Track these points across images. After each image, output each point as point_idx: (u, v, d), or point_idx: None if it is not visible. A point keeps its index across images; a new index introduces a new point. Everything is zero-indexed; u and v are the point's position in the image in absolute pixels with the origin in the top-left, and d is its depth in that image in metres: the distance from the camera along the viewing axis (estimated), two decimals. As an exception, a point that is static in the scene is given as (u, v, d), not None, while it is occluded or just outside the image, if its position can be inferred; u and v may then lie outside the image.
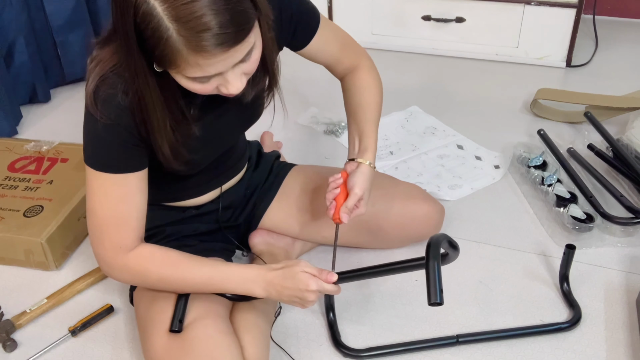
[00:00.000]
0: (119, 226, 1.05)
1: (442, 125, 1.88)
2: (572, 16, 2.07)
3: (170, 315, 1.09)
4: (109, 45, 0.98)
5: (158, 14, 0.84)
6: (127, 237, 1.06)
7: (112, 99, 0.97)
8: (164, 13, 0.84)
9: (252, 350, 1.10)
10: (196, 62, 0.87)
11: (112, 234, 1.05)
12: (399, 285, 1.35)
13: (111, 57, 0.97)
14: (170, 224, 1.24)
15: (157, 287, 1.12)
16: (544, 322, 1.25)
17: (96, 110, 0.97)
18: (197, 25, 0.84)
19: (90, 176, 1.04)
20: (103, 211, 1.04)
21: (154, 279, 1.09)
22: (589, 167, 1.63)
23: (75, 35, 2.06)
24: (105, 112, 0.97)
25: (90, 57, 1.01)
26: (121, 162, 1.02)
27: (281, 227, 1.37)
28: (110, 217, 1.04)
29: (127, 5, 0.85)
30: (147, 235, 1.17)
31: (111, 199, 1.04)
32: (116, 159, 1.02)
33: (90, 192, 1.05)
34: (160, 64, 0.91)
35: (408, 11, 2.23)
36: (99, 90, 0.97)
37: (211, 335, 1.06)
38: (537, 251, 1.42)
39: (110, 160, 1.02)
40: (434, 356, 1.20)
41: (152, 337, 1.08)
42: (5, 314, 1.31)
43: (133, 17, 0.85)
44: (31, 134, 1.92)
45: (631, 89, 1.93)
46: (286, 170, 1.40)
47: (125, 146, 1.01)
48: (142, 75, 0.92)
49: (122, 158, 1.02)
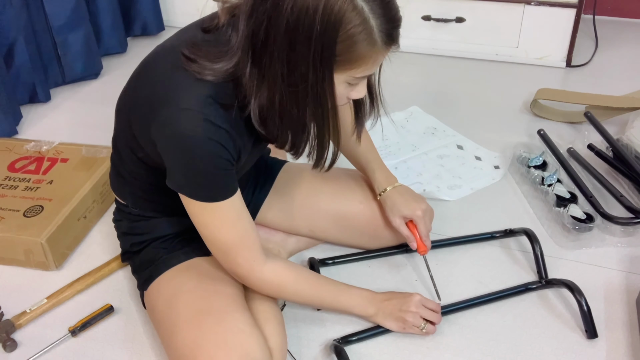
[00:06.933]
0: (244, 244, 1.06)
1: (442, 125, 1.88)
2: (572, 16, 2.07)
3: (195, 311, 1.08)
4: (222, 60, 0.95)
5: (365, 14, 0.86)
6: (256, 250, 1.08)
7: (221, 120, 0.96)
8: (370, 12, 0.87)
9: (274, 340, 1.12)
10: (377, 58, 0.92)
11: (242, 253, 1.07)
12: (400, 285, 1.35)
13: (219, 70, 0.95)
14: (181, 233, 1.24)
15: (291, 300, 1.20)
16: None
17: (200, 137, 0.95)
18: (396, 20, 0.92)
19: (197, 208, 1.03)
20: (225, 236, 1.05)
21: (291, 292, 1.15)
22: (589, 167, 1.63)
23: (75, 35, 2.06)
24: (211, 135, 0.95)
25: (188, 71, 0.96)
26: (227, 187, 1.02)
27: (273, 222, 1.38)
28: (234, 238, 1.05)
29: (317, 12, 0.85)
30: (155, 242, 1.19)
31: (228, 222, 1.04)
32: (222, 187, 1.01)
33: (205, 223, 1.04)
34: (338, 67, 0.91)
35: (408, 11, 2.21)
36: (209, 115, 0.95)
37: (242, 328, 1.06)
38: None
39: (217, 190, 1.01)
40: (434, 356, 1.20)
41: (180, 334, 1.07)
42: (5, 314, 1.31)
43: (329, 23, 0.86)
44: (31, 134, 1.92)
45: (631, 89, 1.93)
46: (279, 167, 1.40)
47: (226, 171, 1.00)
48: (318, 82, 0.91)
49: (227, 183, 1.02)
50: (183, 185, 1.01)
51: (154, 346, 1.23)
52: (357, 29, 0.87)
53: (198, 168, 0.97)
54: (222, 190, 1.01)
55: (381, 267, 1.39)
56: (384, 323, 1.21)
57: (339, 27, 0.86)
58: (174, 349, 1.08)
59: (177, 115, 0.94)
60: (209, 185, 1.00)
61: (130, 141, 1.08)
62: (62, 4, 2.00)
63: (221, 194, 1.01)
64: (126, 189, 1.20)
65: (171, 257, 1.18)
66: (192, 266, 1.16)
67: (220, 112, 0.96)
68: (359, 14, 0.86)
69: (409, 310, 1.19)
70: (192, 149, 0.95)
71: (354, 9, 0.86)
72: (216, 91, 0.96)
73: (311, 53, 0.88)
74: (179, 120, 0.94)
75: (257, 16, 0.89)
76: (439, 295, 1.28)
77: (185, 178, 1.00)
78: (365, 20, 0.87)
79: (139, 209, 1.20)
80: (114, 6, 2.22)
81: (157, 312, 1.15)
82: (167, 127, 0.95)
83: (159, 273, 1.16)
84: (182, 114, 0.94)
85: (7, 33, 1.88)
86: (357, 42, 0.88)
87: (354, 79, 0.95)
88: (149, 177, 1.12)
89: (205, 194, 1.01)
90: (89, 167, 1.59)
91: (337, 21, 0.86)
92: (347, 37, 0.87)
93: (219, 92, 0.96)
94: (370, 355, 1.20)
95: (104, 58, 2.27)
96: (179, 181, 1.01)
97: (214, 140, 0.95)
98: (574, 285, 1.25)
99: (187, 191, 1.01)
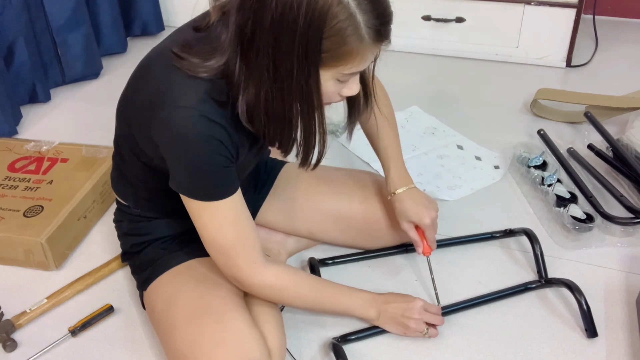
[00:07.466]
0: (245, 245, 1.06)
1: (442, 125, 1.88)
2: (572, 16, 2.07)
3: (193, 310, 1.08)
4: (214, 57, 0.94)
5: (351, 9, 0.84)
6: (256, 251, 1.07)
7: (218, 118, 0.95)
8: (357, 7, 0.85)
9: (273, 339, 1.12)
10: (365, 54, 0.90)
11: (242, 254, 1.06)
12: (399, 285, 1.35)
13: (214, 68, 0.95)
14: (182, 234, 1.24)
15: (293, 304, 1.18)
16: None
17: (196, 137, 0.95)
18: (385, 15, 0.89)
19: (197, 208, 1.02)
20: (225, 237, 1.04)
21: (292, 296, 1.14)
22: (589, 167, 1.63)
23: (75, 35, 2.06)
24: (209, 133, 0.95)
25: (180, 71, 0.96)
26: (226, 186, 1.01)
27: (273, 223, 1.38)
28: (234, 239, 1.04)
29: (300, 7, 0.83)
30: (155, 243, 1.19)
31: (228, 222, 1.03)
32: (222, 185, 1.01)
33: (204, 223, 1.03)
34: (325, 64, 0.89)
35: (408, 11, 2.23)
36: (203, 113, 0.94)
37: (240, 327, 1.06)
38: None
39: (216, 188, 1.00)
40: (434, 356, 1.20)
41: (178, 334, 1.07)
42: (5, 314, 1.31)
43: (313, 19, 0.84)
44: (31, 134, 1.92)
45: (631, 89, 1.93)
46: (279, 168, 1.40)
47: (224, 168, 0.99)
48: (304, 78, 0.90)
49: (226, 181, 1.01)
50: (183, 185, 1.01)
51: (153, 346, 1.23)
52: (343, 25, 0.85)
53: (196, 165, 0.97)
54: (221, 189, 1.01)
55: (381, 267, 1.39)
56: (386, 326, 1.21)
57: (324, 22, 0.84)
58: (173, 348, 1.08)
59: (173, 113, 0.94)
60: (207, 183, 1.00)
61: (134, 147, 1.08)
62: (62, 4, 2.00)
63: (220, 192, 1.01)
64: (129, 191, 1.20)
65: (171, 257, 1.18)
66: (192, 267, 1.16)
67: (216, 108, 0.95)
68: (344, 9, 0.84)
69: (412, 317, 1.19)
70: (189, 145, 0.95)
71: (339, 4, 0.84)
72: (211, 88, 0.95)
73: (295, 49, 0.86)
74: (175, 119, 0.94)
75: (244, 12, 0.88)
76: (439, 299, 1.27)
77: (185, 177, 1.00)
78: (351, 15, 0.85)
79: (140, 210, 1.20)
80: (114, 6, 2.22)
81: (156, 313, 1.15)
82: (165, 126, 0.95)
83: (158, 274, 1.16)
84: (178, 112, 0.94)
85: (7, 33, 1.88)
86: (343, 38, 0.86)
87: (342, 75, 0.93)
88: (154, 181, 1.11)
89: (205, 193, 1.00)
90: (89, 167, 1.59)
91: (321, 16, 0.84)
92: (333, 33, 0.85)
93: (214, 88, 0.95)
94: (370, 355, 1.20)
95: (104, 58, 2.27)
96: (179, 181, 1.01)
97: (210, 136, 0.95)
98: (573, 285, 1.25)
99: (187, 191, 1.01)
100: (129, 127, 1.06)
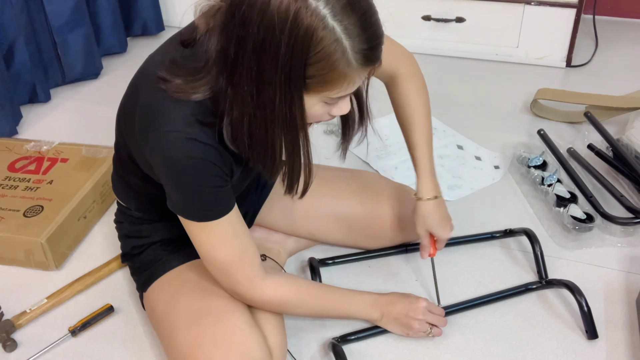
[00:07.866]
0: (243, 261, 1.05)
1: (442, 125, 1.88)
2: (572, 16, 2.07)
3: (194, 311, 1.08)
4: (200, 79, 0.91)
5: (337, 33, 0.80)
6: (255, 266, 1.07)
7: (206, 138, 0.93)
8: (343, 32, 0.80)
9: (274, 339, 1.12)
10: (354, 79, 0.85)
11: (241, 270, 1.06)
12: (399, 285, 1.35)
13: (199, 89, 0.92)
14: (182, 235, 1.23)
15: (296, 313, 1.19)
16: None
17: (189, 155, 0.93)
18: (375, 39, 0.84)
19: (194, 228, 1.01)
20: (224, 255, 1.03)
21: (294, 305, 1.14)
22: (589, 167, 1.63)
23: (75, 35, 2.06)
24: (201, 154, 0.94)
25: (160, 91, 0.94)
26: (221, 205, 1.00)
27: (274, 224, 1.38)
28: (233, 256, 1.04)
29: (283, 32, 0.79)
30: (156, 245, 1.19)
31: (226, 240, 1.03)
32: (217, 205, 1.00)
33: (201, 242, 1.03)
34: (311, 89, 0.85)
35: (408, 11, 2.23)
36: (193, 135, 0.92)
37: (241, 327, 1.06)
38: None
39: (211, 209, 1.00)
40: (434, 356, 1.20)
41: (179, 335, 1.07)
42: (5, 314, 1.31)
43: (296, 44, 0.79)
44: (31, 134, 1.92)
45: (631, 89, 1.93)
46: None
47: (218, 188, 0.98)
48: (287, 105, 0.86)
49: (221, 201, 1.00)
50: (178, 206, 1.01)
51: (153, 346, 1.23)
52: (329, 50, 0.80)
53: (189, 187, 0.97)
54: (216, 209, 1.00)
55: (381, 267, 1.39)
56: (389, 327, 1.21)
57: (308, 48, 0.80)
58: (173, 349, 1.08)
59: (162, 138, 0.93)
60: (202, 204, 0.99)
61: (132, 155, 1.08)
62: (62, 4, 1.99)
63: (215, 212, 1.00)
64: (130, 194, 1.20)
65: (171, 258, 1.18)
66: (192, 268, 1.16)
67: (204, 130, 0.94)
68: (330, 33, 0.80)
69: (416, 318, 1.19)
70: (180, 168, 0.95)
71: (325, 28, 0.79)
72: (197, 109, 0.93)
73: (278, 75, 0.82)
74: (165, 144, 0.93)
75: (228, 33, 0.85)
76: (439, 300, 1.27)
77: (179, 199, 1.00)
78: (337, 40, 0.80)
79: (142, 213, 1.20)
80: (114, 6, 2.22)
81: (156, 313, 1.15)
82: (156, 151, 0.95)
83: (158, 275, 1.16)
84: (166, 136, 0.93)
85: (7, 33, 1.88)
86: (329, 64, 0.82)
87: (330, 99, 0.89)
88: (156, 190, 1.11)
89: (200, 214, 1.00)
90: (89, 167, 1.59)
91: (305, 42, 0.79)
92: (318, 59, 0.81)
93: (200, 110, 0.94)
94: (370, 355, 1.20)
95: (104, 58, 2.27)
96: (175, 203, 1.01)
97: (201, 158, 0.94)
98: (574, 286, 1.25)
99: (183, 212, 1.01)
100: (126, 140, 1.07)
